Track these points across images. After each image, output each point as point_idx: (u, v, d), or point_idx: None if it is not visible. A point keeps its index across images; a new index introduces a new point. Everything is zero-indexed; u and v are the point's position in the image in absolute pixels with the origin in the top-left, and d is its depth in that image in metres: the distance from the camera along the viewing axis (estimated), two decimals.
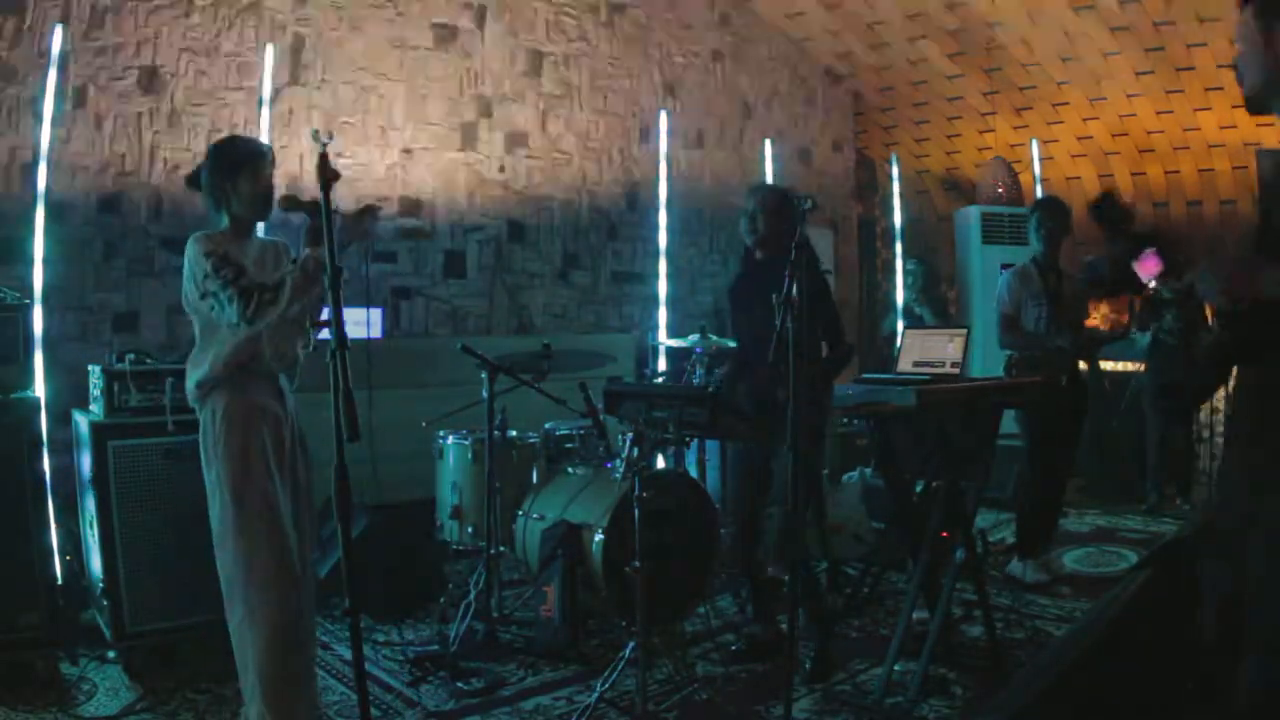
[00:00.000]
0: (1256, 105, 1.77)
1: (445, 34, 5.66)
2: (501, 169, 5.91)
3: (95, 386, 3.58)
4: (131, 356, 3.56)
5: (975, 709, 3.10)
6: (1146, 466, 6.18)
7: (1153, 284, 1.84)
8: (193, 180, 2.82)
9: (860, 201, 8.40)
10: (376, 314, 5.17)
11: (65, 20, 4.26)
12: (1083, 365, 4.84)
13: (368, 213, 2.70)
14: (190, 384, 2.76)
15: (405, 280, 5.53)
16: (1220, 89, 6.33)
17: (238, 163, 2.72)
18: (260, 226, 2.90)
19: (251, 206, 2.74)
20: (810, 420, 3.41)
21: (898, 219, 8.35)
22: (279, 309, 2.52)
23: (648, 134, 6.66)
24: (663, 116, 6.70)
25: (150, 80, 4.60)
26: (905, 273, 6.64)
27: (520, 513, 4.03)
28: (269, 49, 4.88)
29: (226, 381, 2.69)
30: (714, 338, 5.01)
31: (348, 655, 3.12)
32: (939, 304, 6.56)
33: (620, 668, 3.18)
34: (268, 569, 2.61)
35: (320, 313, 2.65)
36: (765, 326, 3.06)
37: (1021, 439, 4.71)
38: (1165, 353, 6.00)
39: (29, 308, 3.67)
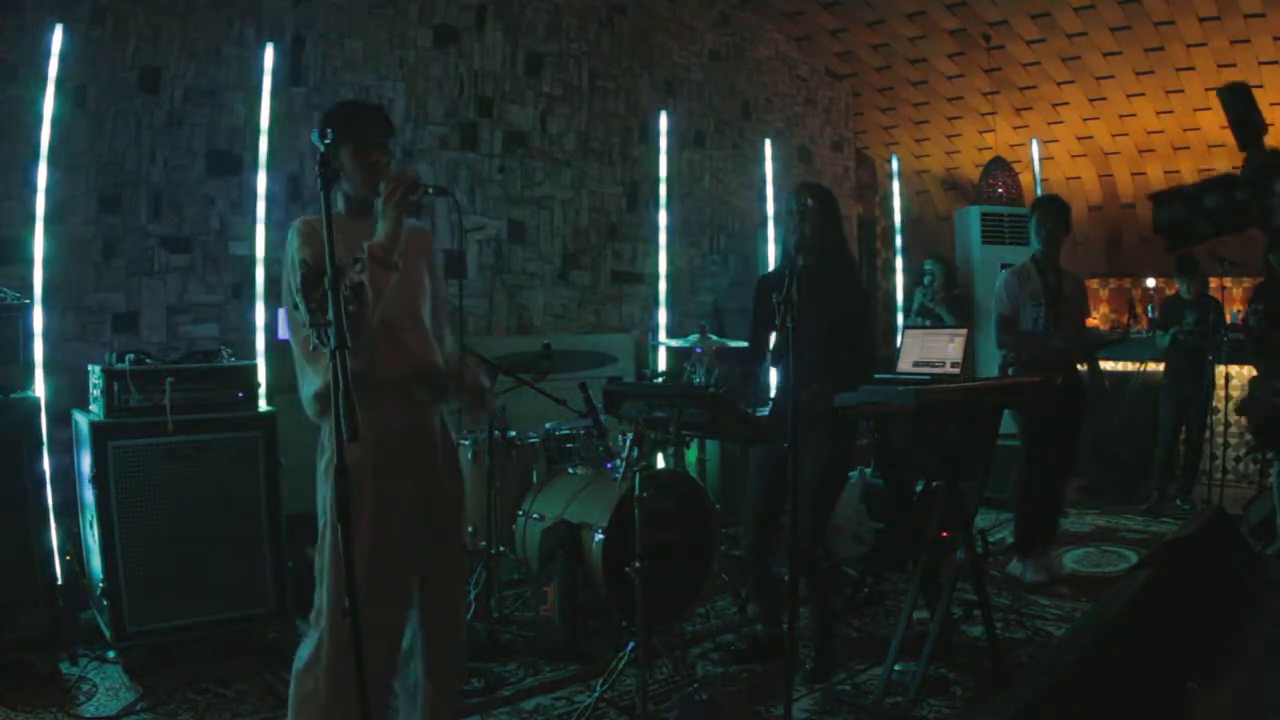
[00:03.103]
0: None
1: (445, 34, 5.66)
2: (501, 169, 5.92)
3: (95, 386, 3.58)
4: (131, 356, 3.56)
5: (975, 709, 3.10)
6: (1152, 466, 6.19)
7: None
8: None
9: (860, 201, 8.40)
10: None
11: (65, 20, 4.26)
12: (1082, 366, 4.83)
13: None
14: (305, 394, 2.33)
15: None
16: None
17: (339, 130, 2.33)
18: None
19: (358, 183, 2.37)
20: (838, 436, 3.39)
21: (898, 219, 8.35)
22: (364, 317, 2.17)
23: (648, 134, 6.66)
24: (663, 116, 6.70)
25: (150, 80, 4.59)
26: (924, 273, 6.65)
27: (520, 513, 4.03)
28: (269, 49, 4.88)
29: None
30: (714, 338, 5.01)
31: None
32: (958, 304, 6.56)
33: (620, 668, 3.18)
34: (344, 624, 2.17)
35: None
36: (808, 344, 2.98)
37: (1019, 439, 4.71)
38: (1184, 354, 6.01)
39: (29, 308, 3.67)
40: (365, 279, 2.18)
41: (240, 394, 3.70)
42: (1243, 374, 6.42)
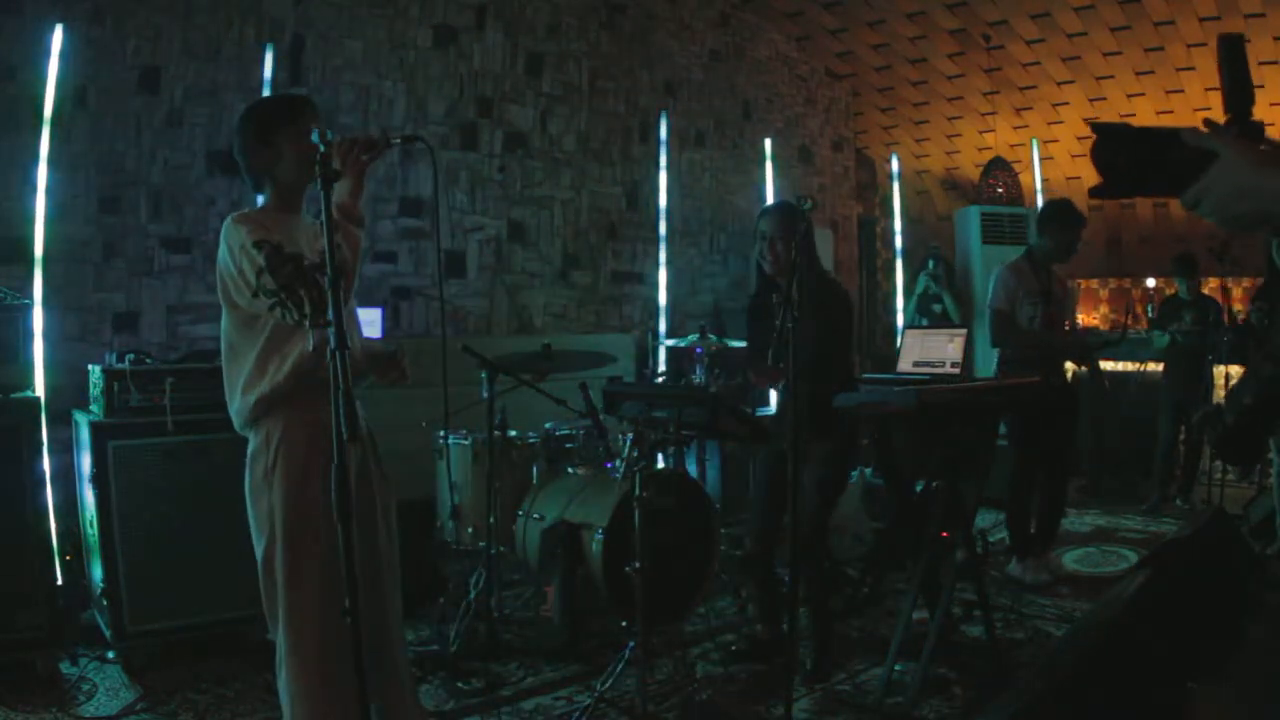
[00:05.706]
0: None
1: (445, 34, 5.66)
2: (501, 169, 5.92)
3: (95, 386, 3.58)
4: (131, 356, 3.56)
5: (975, 709, 3.10)
6: (1152, 466, 6.19)
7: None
8: (228, 157, 2.42)
9: (860, 201, 8.40)
10: (376, 314, 5.17)
11: (65, 20, 4.26)
12: (1083, 367, 4.83)
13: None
14: (246, 400, 2.29)
15: (405, 280, 5.53)
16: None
17: (275, 120, 2.32)
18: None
19: (298, 170, 2.31)
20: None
21: (898, 219, 8.35)
22: (348, 285, 2.11)
23: (648, 134, 6.66)
24: (663, 116, 6.70)
25: (150, 80, 4.59)
26: (928, 258, 6.75)
27: (520, 513, 4.02)
28: (269, 49, 4.88)
29: (290, 396, 2.26)
30: (714, 338, 5.01)
31: None
32: (958, 296, 6.67)
33: (620, 668, 3.18)
34: (316, 628, 2.30)
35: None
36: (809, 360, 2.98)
37: (1009, 439, 4.70)
38: (1183, 354, 6.01)
39: (29, 308, 3.67)
40: (338, 246, 2.02)
41: None
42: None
